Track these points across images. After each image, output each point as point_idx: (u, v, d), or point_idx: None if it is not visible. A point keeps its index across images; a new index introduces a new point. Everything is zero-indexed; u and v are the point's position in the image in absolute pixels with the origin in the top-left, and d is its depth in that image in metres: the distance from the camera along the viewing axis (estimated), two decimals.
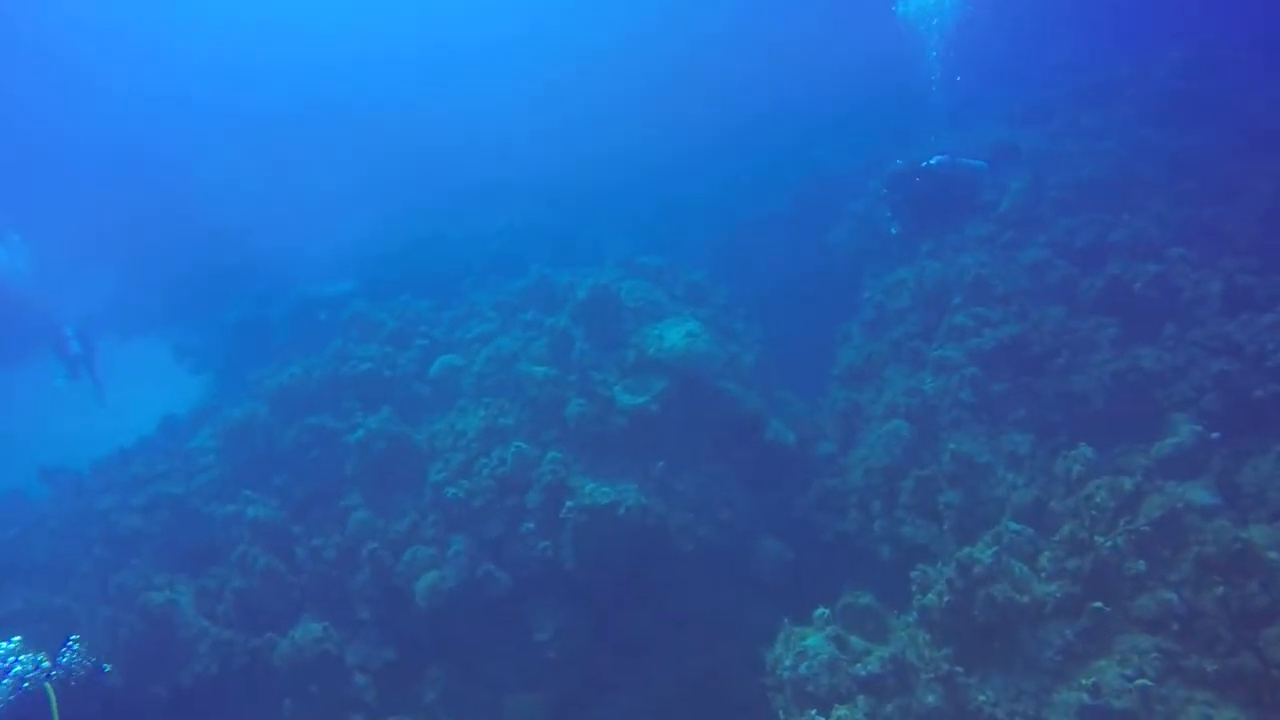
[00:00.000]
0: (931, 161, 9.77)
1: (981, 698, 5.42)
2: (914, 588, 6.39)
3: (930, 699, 5.56)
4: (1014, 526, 6.86)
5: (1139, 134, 12.09)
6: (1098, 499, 6.30)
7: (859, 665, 5.97)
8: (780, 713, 6.35)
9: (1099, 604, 5.54)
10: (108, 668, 7.52)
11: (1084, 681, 5.12)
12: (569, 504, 8.78)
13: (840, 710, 5.78)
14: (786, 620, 6.63)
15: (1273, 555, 5.56)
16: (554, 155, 18.33)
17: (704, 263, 14.44)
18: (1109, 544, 5.81)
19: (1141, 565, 5.63)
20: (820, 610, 6.50)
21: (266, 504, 9.95)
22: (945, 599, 5.79)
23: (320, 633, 8.77)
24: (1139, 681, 4.94)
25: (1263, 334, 7.72)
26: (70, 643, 7.21)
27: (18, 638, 7.00)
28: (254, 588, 9.29)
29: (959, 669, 5.57)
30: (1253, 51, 13.41)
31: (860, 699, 5.84)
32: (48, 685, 6.75)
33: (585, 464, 9.47)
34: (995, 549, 5.88)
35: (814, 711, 5.87)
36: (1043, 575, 5.94)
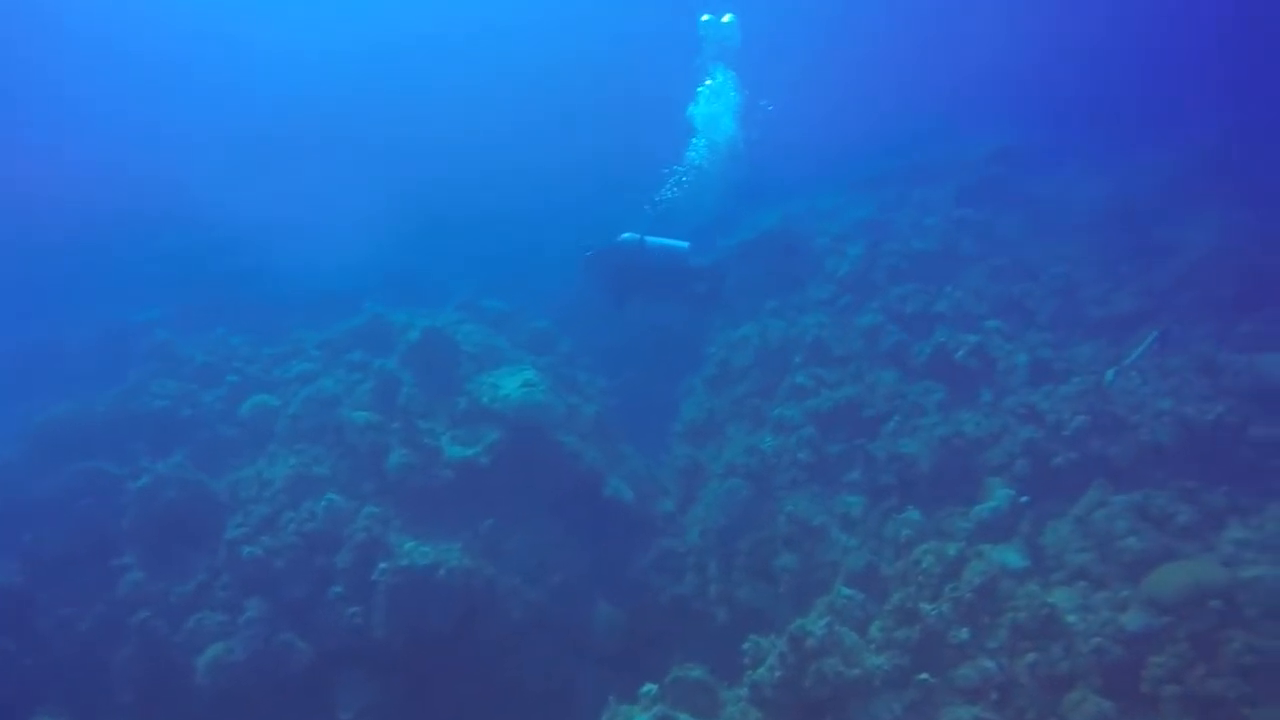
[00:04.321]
0: (621, 238, 9.65)
1: None
2: (746, 660, 6.09)
3: None
4: (846, 592, 6.80)
5: (959, 212, 13.00)
6: (924, 564, 6.33)
7: None
8: None
9: (925, 675, 5.47)
10: None
11: None
12: (382, 565, 7.92)
13: None
14: (612, 698, 6.13)
15: (1072, 619, 5.73)
16: (398, 187, 17.45)
17: (553, 310, 13.99)
18: (935, 612, 5.80)
19: (965, 633, 5.63)
20: (647, 687, 6.06)
21: (3, 567, 8.30)
22: (777, 674, 5.52)
23: None
24: None
25: (1060, 404, 8.23)
26: None
27: None
28: None
29: None
30: (1054, 143, 14.97)
31: None
32: None
33: (406, 520, 8.64)
34: (827, 619, 5.70)
35: None
36: (873, 646, 5.83)
